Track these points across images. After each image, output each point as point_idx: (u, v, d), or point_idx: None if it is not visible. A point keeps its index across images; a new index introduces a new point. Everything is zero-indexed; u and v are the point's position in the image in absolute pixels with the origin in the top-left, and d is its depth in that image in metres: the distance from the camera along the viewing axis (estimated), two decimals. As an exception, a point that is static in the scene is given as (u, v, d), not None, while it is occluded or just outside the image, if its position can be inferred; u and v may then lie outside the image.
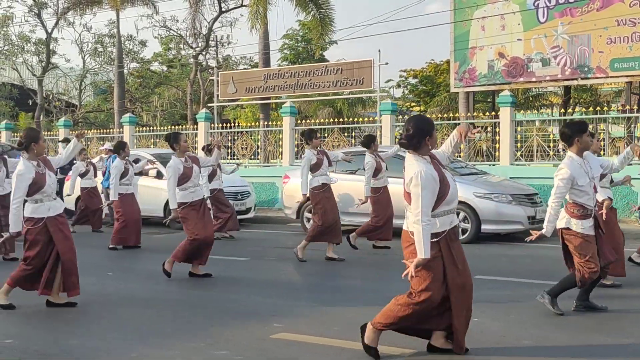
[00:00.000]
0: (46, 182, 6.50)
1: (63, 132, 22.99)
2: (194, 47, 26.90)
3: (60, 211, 6.66)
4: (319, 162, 9.79)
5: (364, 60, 18.01)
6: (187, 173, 8.20)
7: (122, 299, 7.32)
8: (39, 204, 6.52)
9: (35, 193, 6.48)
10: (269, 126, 19.38)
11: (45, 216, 6.52)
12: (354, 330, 5.81)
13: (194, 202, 8.29)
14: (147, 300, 7.22)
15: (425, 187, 4.69)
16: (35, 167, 6.50)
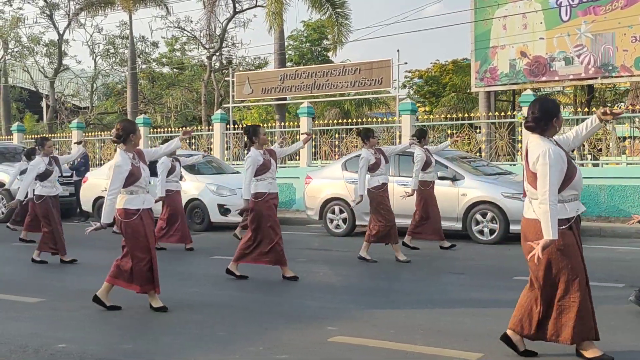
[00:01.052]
0: (142, 174, 6.47)
1: (76, 134, 22.86)
2: (207, 47, 26.75)
3: (152, 205, 6.68)
4: (377, 162, 9.70)
5: (382, 60, 17.88)
6: (266, 164, 8.21)
7: (167, 302, 7.17)
8: (134, 196, 6.49)
9: (131, 185, 6.46)
10: (285, 127, 19.22)
11: (140, 208, 6.50)
12: (410, 332, 5.72)
13: (272, 193, 8.28)
14: (192, 303, 7.10)
15: (554, 165, 4.56)
16: (131, 160, 6.47)
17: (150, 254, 6.56)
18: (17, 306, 7.00)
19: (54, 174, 9.91)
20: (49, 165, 9.87)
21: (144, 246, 6.54)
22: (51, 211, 9.84)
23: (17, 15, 30.12)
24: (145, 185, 6.55)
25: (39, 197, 9.85)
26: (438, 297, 7.32)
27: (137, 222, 6.49)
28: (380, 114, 35.75)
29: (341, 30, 20.68)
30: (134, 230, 6.49)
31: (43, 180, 9.85)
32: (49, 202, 9.85)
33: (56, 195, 9.99)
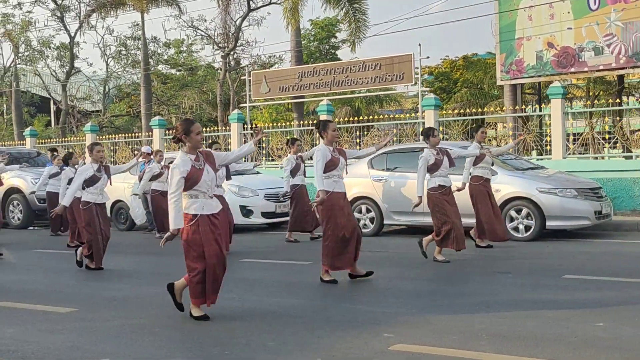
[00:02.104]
0: (202, 177, 6.06)
1: (90, 137, 22.57)
2: (222, 47, 26.39)
3: (215, 211, 6.22)
4: (437, 162, 9.29)
5: (403, 54, 17.49)
6: (334, 161, 7.84)
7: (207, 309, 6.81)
8: (193, 200, 6.11)
9: (190, 188, 6.07)
10: (303, 125, 18.87)
11: (198, 213, 6.10)
12: (474, 338, 5.35)
13: (337, 193, 7.88)
14: (233, 310, 6.72)
15: None
16: (193, 162, 6.08)
17: (203, 264, 6.12)
18: (50, 317, 6.65)
19: (102, 181, 9.55)
20: (98, 171, 9.53)
21: (197, 255, 6.12)
22: (94, 220, 9.45)
23: (26, 19, 29.84)
24: (208, 189, 6.13)
25: (85, 203, 9.47)
26: (491, 299, 6.92)
27: (193, 229, 6.09)
28: (390, 112, 35.42)
29: (358, 26, 20.28)
30: (191, 237, 6.10)
31: (89, 186, 9.50)
32: (93, 210, 9.47)
33: (102, 204, 9.63)
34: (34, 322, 6.43)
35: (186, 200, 6.12)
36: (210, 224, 6.13)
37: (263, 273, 9.19)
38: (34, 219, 17.77)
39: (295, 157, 12.34)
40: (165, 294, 7.53)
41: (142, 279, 8.83)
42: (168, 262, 10.50)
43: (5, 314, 6.88)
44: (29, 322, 6.43)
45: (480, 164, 10.63)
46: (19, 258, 11.30)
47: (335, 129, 7.99)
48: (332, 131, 7.91)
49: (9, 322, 6.44)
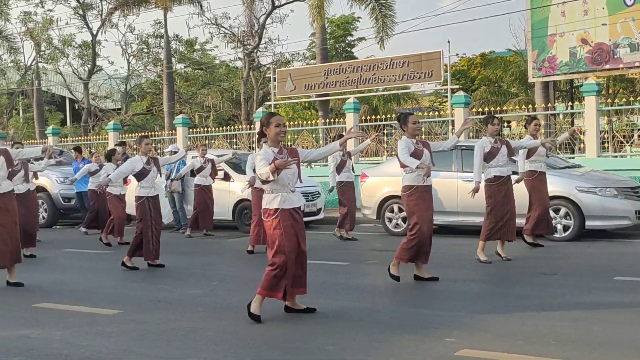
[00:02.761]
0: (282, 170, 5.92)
1: (113, 136, 22.50)
2: (245, 44, 26.23)
3: (296, 205, 6.13)
4: (493, 151, 8.99)
5: (432, 51, 17.27)
6: (418, 154, 7.63)
7: (243, 310, 6.63)
8: (274, 194, 6.02)
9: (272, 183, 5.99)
10: (329, 123, 18.66)
11: (279, 207, 6.00)
12: (541, 343, 5.17)
13: (422, 186, 7.68)
14: (284, 313, 6.54)
15: None
16: (275, 154, 6.00)
17: (282, 258, 6.03)
18: (97, 319, 6.50)
19: (152, 173, 9.42)
20: (147, 164, 9.41)
21: (278, 250, 6.04)
22: (147, 214, 9.36)
23: (47, 17, 29.80)
24: (289, 183, 6.03)
25: (138, 198, 9.38)
26: (545, 301, 6.71)
27: (275, 224, 6.00)
28: (408, 109, 35.12)
29: (385, 23, 20.06)
30: (270, 231, 6.06)
31: (140, 180, 9.39)
32: (146, 204, 9.37)
33: (155, 196, 9.52)
34: (81, 325, 6.28)
35: (267, 195, 6.07)
36: (291, 219, 6.04)
37: (320, 275, 9.00)
38: (59, 217, 17.70)
39: (341, 153, 11.89)
40: (206, 296, 7.41)
41: (181, 280, 8.67)
42: (202, 261, 10.41)
43: (49, 315, 6.74)
44: (76, 325, 6.29)
45: (532, 157, 10.29)
46: (52, 258, 11.14)
47: (415, 121, 7.80)
48: (413, 124, 7.72)
49: (55, 324, 6.30)
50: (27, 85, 30.85)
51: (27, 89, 30.73)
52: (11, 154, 8.11)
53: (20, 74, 31.15)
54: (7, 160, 7.93)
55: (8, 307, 7.26)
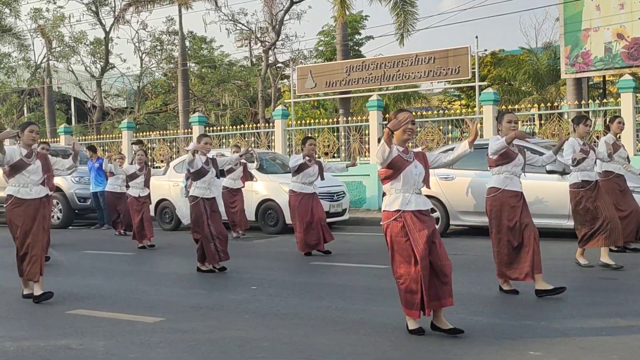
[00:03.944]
0: (406, 168, 5.35)
1: (127, 134, 22.04)
2: (262, 40, 25.78)
3: (423, 207, 5.42)
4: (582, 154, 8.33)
5: (459, 47, 16.78)
6: (510, 155, 7.04)
7: (303, 319, 6.17)
8: (397, 195, 5.37)
9: (393, 178, 5.38)
10: (350, 121, 18.17)
11: (401, 209, 5.33)
12: (638, 358, 4.67)
13: (508, 191, 6.96)
14: (336, 320, 6.07)
15: None
16: (400, 153, 5.39)
17: (408, 268, 5.32)
18: (139, 327, 6.03)
19: (210, 174, 8.91)
20: (206, 164, 8.93)
21: (403, 259, 5.33)
22: (202, 217, 8.82)
23: (58, 14, 29.36)
24: (415, 183, 5.39)
25: (193, 198, 8.88)
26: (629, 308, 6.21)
27: (396, 230, 5.33)
28: (418, 108, 34.69)
29: (407, 19, 19.57)
30: (392, 239, 5.38)
31: (197, 179, 8.88)
32: (201, 205, 8.85)
33: (212, 198, 8.98)
34: (123, 334, 5.82)
35: (388, 196, 5.45)
36: (418, 222, 5.34)
37: (345, 278, 8.57)
38: (74, 218, 17.27)
39: None
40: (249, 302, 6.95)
41: (217, 284, 8.21)
42: (234, 264, 9.90)
43: (86, 323, 6.27)
44: (117, 333, 5.82)
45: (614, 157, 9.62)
46: (74, 260, 10.64)
47: (510, 119, 7.03)
48: (507, 122, 6.99)
49: (95, 333, 5.83)
50: (38, 84, 30.40)
51: (38, 87, 30.28)
52: (50, 161, 7.57)
53: (30, 72, 30.69)
54: (44, 165, 7.38)
55: (40, 313, 6.81)
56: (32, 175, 7.23)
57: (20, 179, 7.19)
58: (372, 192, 17.03)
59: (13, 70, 30.37)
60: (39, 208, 7.23)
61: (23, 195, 7.18)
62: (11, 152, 7.09)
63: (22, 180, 7.19)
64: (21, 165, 7.16)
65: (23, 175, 7.19)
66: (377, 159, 5.28)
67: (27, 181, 7.20)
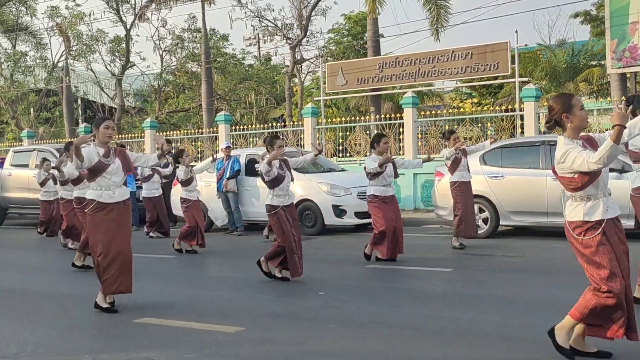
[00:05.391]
0: None
1: (149, 134, 21.65)
2: (288, 37, 25.36)
3: (618, 213, 4.66)
4: None
5: (498, 42, 16.36)
6: None
7: (380, 326, 5.76)
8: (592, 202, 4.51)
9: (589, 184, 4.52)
10: (381, 119, 17.75)
11: (604, 218, 4.50)
12: None
13: None
14: (425, 329, 5.67)
15: None
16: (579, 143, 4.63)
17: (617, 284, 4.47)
18: (220, 338, 5.64)
19: (287, 180, 8.09)
20: (280, 169, 8.07)
21: (610, 273, 4.47)
22: (287, 225, 7.98)
23: (75, 12, 28.93)
24: (604, 185, 4.61)
25: (271, 207, 7.98)
26: None
27: (598, 239, 4.50)
28: (433, 107, 34.26)
29: (440, 13, 19.13)
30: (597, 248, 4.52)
31: (274, 187, 8.00)
32: (282, 215, 8.00)
33: (290, 204, 8.15)
34: (208, 345, 5.43)
35: (578, 203, 4.57)
36: (617, 230, 4.59)
37: (412, 282, 8.20)
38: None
39: (454, 149, 10.53)
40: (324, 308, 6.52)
41: (281, 289, 7.79)
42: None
43: (161, 333, 5.87)
44: (202, 345, 5.44)
45: None
46: None
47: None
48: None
49: (176, 345, 5.44)
50: (55, 83, 30.01)
51: (55, 87, 29.89)
52: (130, 158, 6.88)
53: (47, 70, 30.31)
54: (124, 163, 6.73)
55: (106, 322, 6.41)
56: (114, 176, 6.61)
57: (102, 182, 6.58)
58: (407, 192, 16.61)
59: (30, 69, 29.97)
60: (123, 213, 6.70)
61: (106, 199, 6.58)
62: (88, 155, 6.47)
63: (104, 183, 6.58)
64: (100, 167, 6.54)
65: (104, 178, 6.57)
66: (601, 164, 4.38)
67: (109, 183, 6.59)
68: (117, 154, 6.73)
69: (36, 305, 7.39)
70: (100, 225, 6.56)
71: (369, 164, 9.32)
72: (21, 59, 29.90)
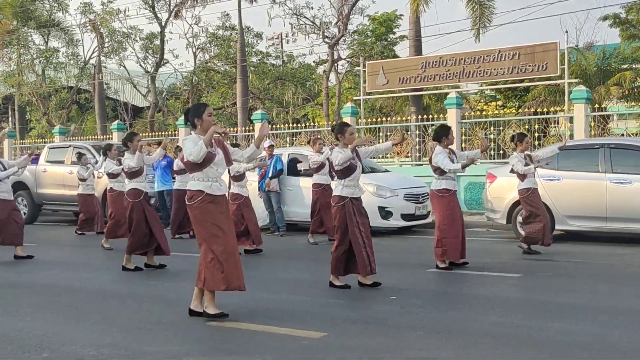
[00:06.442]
0: None
1: (184, 132, 21.46)
2: (326, 35, 25.11)
3: None
4: None
5: (547, 42, 15.99)
6: None
7: (472, 334, 5.45)
8: None
9: None
10: (423, 120, 17.43)
11: None
12: None
13: None
14: (514, 336, 5.38)
15: None
16: None
17: None
18: (306, 344, 5.38)
19: (358, 169, 7.62)
20: (352, 158, 7.53)
21: None
22: (352, 218, 7.48)
23: (109, 9, 28.84)
24: None
25: (340, 198, 7.52)
26: None
27: None
28: (462, 109, 33.72)
29: (483, 13, 18.78)
30: None
31: (345, 177, 7.53)
32: (350, 206, 7.50)
33: (359, 198, 7.66)
34: (296, 350, 5.20)
35: None
36: None
37: (484, 288, 7.88)
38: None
39: (522, 155, 10.10)
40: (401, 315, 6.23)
41: (349, 293, 7.50)
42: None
43: (240, 337, 5.63)
44: (289, 350, 5.22)
45: None
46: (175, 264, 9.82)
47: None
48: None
49: (261, 350, 5.20)
50: (86, 79, 29.93)
51: (83, 87, 29.83)
52: (229, 150, 6.43)
53: (78, 67, 30.23)
54: (225, 155, 6.32)
55: (178, 324, 6.15)
56: (220, 167, 6.23)
57: (209, 173, 6.15)
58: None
59: (62, 66, 29.91)
60: (227, 206, 6.40)
61: (214, 191, 6.18)
62: (201, 144, 5.96)
63: (211, 173, 6.16)
64: (209, 157, 6.09)
65: (211, 169, 6.15)
66: None
67: (216, 174, 6.19)
68: (219, 145, 6.30)
69: (100, 305, 7.17)
70: (213, 217, 6.12)
71: (441, 160, 8.73)
72: (53, 55, 29.82)
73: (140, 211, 9.49)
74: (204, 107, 6.29)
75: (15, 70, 30.26)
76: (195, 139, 6.06)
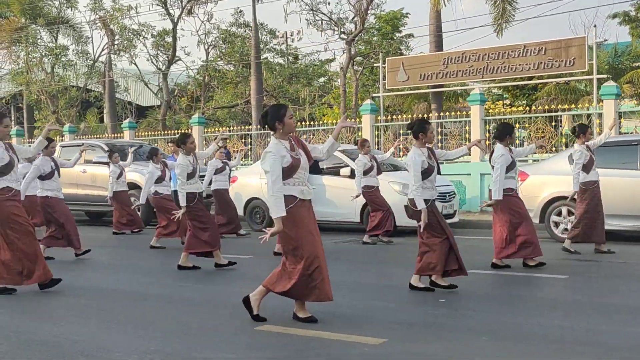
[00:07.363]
0: None
1: (197, 130, 21.13)
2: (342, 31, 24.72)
3: None
4: None
5: (574, 37, 15.65)
6: None
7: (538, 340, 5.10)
8: None
9: None
10: (445, 117, 17.07)
11: None
12: None
13: None
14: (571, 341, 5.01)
15: None
16: None
17: None
18: (368, 351, 5.02)
19: (435, 170, 7.19)
20: (429, 158, 7.14)
21: None
22: (440, 221, 7.14)
23: (119, 6, 28.52)
24: None
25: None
26: None
27: None
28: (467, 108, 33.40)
29: (505, 8, 18.42)
30: None
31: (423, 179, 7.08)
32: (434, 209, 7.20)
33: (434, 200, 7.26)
34: (356, 357, 4.79)
35: None
36: None
37: (535, 289, 7.53)
38: (152, 217, 16.28)
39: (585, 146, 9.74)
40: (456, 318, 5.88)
41: (398, 295, 7.15)
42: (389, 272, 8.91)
43: (293, 344, 5.26)
44: (349, 357, 4.79)
45: None
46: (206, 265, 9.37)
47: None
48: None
49: (319, 357, 4.80)
50: (97, 78, 29.60)
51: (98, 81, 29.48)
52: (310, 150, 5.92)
53: (87, 64, 29.89)
54: (306, 154, 5.83)
55: (223, 328, 5.81)
56: (305, 171, 5.73)
57: (299, 177, 5.66)
58: (473, 193, 15.91)
59: (72, 64, 29.56)
60: (313, 211, 5.90)
61: (306, 195, 5.70)
62: (282, 152, 5.57)
63: (300, 178, 5.67)
64: (295, 163, 5.61)
65: (300, 172, 5.66)
66: None
67: (304, 179, 5.71)
68: (299, 144, 5.79)
69: (136, 308, 6.81)
70: (307, 223, 5.68)
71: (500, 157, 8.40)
72: (62, 52, 29.47)
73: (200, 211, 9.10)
74: (284, 110, 5.76)
75: (23, 68, 29.93)
76: (276, 153, 5.55)
